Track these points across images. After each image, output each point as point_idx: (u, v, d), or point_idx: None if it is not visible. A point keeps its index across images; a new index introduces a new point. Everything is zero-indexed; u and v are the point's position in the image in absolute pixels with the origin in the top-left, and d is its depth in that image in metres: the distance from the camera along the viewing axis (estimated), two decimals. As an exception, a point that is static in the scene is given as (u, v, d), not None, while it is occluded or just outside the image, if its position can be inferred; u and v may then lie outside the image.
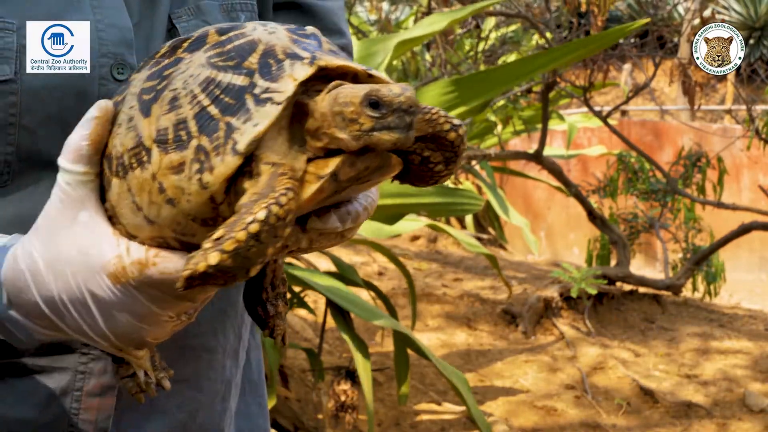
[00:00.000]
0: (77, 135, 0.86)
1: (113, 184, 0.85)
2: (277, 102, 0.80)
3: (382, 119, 0.78)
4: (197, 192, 0.80)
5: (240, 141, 0.79)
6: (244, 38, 0.84)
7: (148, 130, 0.83)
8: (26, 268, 0.86)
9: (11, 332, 0.89)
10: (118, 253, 0.84)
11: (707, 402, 4.53)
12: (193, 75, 0.82)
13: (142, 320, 0.86)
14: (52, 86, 0.99)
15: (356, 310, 3.16)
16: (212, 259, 0.76)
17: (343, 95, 0.80)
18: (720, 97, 13.76)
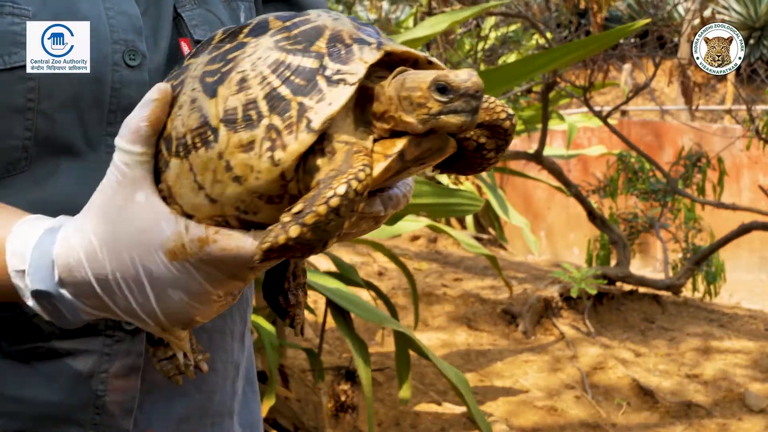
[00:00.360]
0: (136, 116, 0.88)
1: (172, 164, 0.87)
2: (349, 83, 0.83)
3: (449, 103, 0.82)
4: (268, 169, 0.82)
5: (314, 119, 0.81)
6: (309, 24, 0.86)
7: (214, 111, 0.85)
8: (80, 246, 0.88)
9: (60, 311, 0.91)
10: (177, 231, 0.86)
11: (707, 402, 4.53)
12: (261, 57, 0.85)
13: (193, 298, 0.87)
14: (71, 72, 1.00)
15: (356, 310, 3.16)
16: (293, 232, 0.79)
17: (410, 80, 0.84)
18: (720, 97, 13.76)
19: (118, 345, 1.06)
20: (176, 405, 1.13)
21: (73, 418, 1.05)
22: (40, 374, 1.03)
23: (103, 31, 1.03)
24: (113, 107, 1.04)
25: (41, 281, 0.89)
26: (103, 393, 1.05)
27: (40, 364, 1.03)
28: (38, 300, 0.90)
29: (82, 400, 1.05)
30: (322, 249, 0.81)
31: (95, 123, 1.03)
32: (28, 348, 1.03)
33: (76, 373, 1.04)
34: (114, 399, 1.06)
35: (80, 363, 1.04)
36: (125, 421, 1.07)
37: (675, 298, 5.99)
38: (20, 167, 1.00)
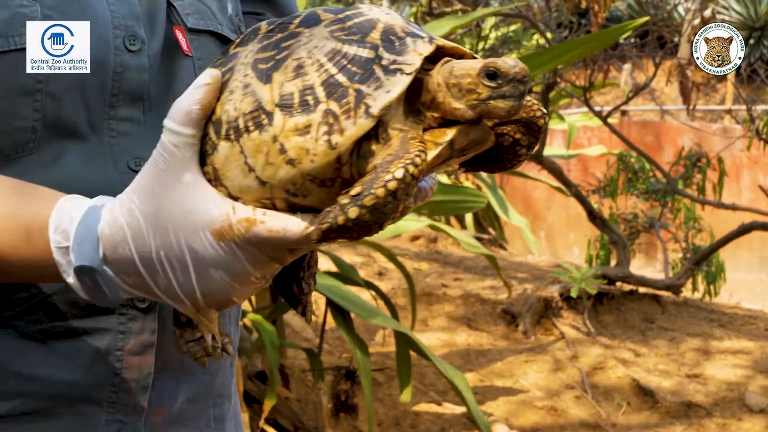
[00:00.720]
0: (188, 99, 0.90)
1: (221, 147, 0.89)
2: (406, 72, 0.86)
3: (498, 88, 0.86)
4: (324, 152, 0.85)
5: (373, 106, 0.85)
6: (362, 17, 0.90)
7: (269, 96, 0.87)
8: (126, 224, 0.89)
9: (100, 288, 0.92)
10: (224, 212, 0.88)
11: (707, 402, 4.53)
12: (317, 46, 0.88)
13: (234, 279, 0.89)
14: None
15: (356, 310, 3.16)
16: (352, 213, 0.83)
17: (458, 68, 0.87)
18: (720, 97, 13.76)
19: (132, 323, 1.07)
20: (184, 384, 1.15)
21: (91, 397, 1.06)
22: (57, 353, 1.04)
23: (104, 16, 1.05)
24: (115, 91, 1.05)
25: (85, 257, 0.91)
26: (120, 371, 1.07)
27: (57, 344, 1.04)
28: (80, 276, 0.92)
29: (99, 379, 1.06)
30: (378, 230, 0.85)
31: (98, 106, 1.04)
32: (44, 327, 1.04)
33: (93, 352, 1.05)
34: (130, 376, 1.08)
35: (96, 341, 1.05)
36: (141, 399, 1.09)
37: (675, 298, 5.99)
38: (28, 149, 1.01)
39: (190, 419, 1.17)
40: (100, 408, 1.07)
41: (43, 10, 1.00)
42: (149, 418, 1.11)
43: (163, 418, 1.13)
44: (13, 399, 1.03)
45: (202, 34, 1.16)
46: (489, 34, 7.31)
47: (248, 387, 3.46)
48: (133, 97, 1.07)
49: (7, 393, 1.03)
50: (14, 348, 1.03)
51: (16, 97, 0.99)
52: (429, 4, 6.08)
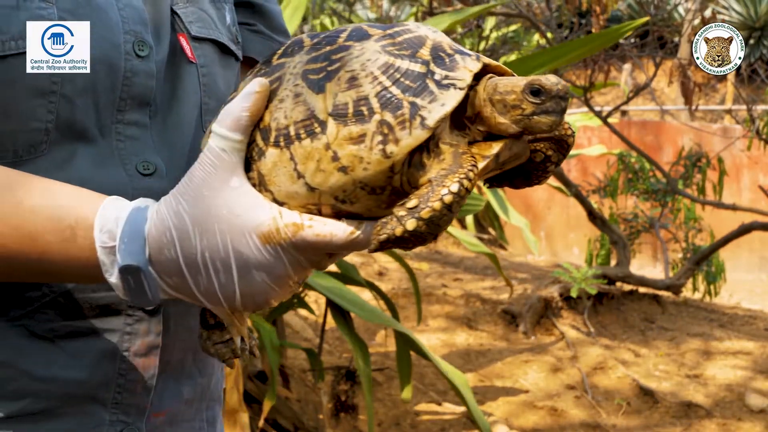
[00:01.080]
0: (238, 106, 0.93)
1: (269, 153, 0.93)
2: (459, 87, 0.90)
3: (541, 104, 0.90)
4: (378, 161, 0.89)
5: (429, 118, 0.88)
6: (411, 33, 0.94)
7: (322, 105, 0.91)
8: (173, 226, 0.92)
9: (143, 288, 0.94)
10: (272, 216, 0.91)
11: (707, 402, 4.53)
12: (370, 59, 0.91)
13: (275, 281, 0.92)
14: (91, 58, 1.02)
15: (357, 310, 3.16)
16: (410, 225, 0.87)
17: (502, 85, 0.92)
18: (720, 97, 13.76)
19: (138, 324, 1.08)
20: (184, 386, 1.16)
21: (96, 397, 1.07)
22: (65, 353, 1.05)
23: (116, 20, 1.06)
24: (124, 95, 1.06)
25: (132, 257, 0.93)
26: (125, 371, 1.08)
27: (65, 343, 1.05)
28: (124, 276, 0.93)
29: (105, 379, 1.07)
30: (432, 241, 0.89)
31: (107, 110, 1.05)
32: (54, 327, 1.05)
33: (99, 352, 1.06)
34: (135, 377, 1.08)
35: (104, 342, 1.06)
36: (144, 400, 1.10)
37: (675, 298, 5.99)
38: (41, 150, 1.02)
39: (186, 421, 1.18)
40: (104, 408, 1.08)
41: (59, 12, 1.01)
42: (150, 418, 1.11)
43: (163, 419, 1.14)
44: (22, 399, 1.04)
45: (205, 42, 1.17)
46: (489, 34, 7.31)
47: (248, 387, 3.46)
48: (141, 102, 1.08)
49: (17, 392, 1.03)
50: (24, 347, 1.04)
51: (32, 98, 1.00)
52: (429, 3, 6.08)
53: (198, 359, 1.17)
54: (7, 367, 1.03)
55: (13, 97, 1.00)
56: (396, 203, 0.92)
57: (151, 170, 1.07)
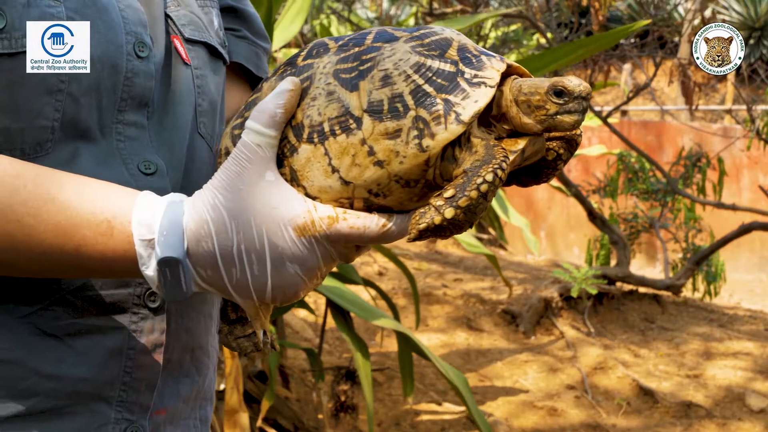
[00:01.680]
0: (272, 103, 0.97)
1: (302, 149, 0.97)
2: (490, 85, 0.95)
3: (564, 105, 0.95)
4: (414, 155, 0.93)
5: (463, 113, 0.93)
6: (438, 35, 0.98)
7: (356, 102, 0.95)
8: (210, 219, 0.95)
9: (179, 281, 0.96)
10: (307, 209, 0.95)
11: (707, 402, 4.53)
12: (402, 59, 0.95)
13: (306, 273, 0.96)
14: (95, 58, 1.03)
15: (356, 310, 3.16)
16: (448, 214, 0.91)
17: (527, 86, 0.96)
18: (720, 97, 13.76)
19: (143, 322, 1.09)
20: (182, 385, 1.17)
21: (102, 395, 1.08)
22: (74, 350, 1.06)
23: (117, 21, 1.07)
24: (124, 95, 1.07)
25: (172, 249, 0.95)
26: (131, 369, 1.09)
27: (73, 340, 1.06)
28: (162, 268, 0.95)
29: (112, 377, 1.08)
30: (468, 228, 0.93)
31: (109, 110, 1.06)
32: (62, 324, 1.05)
33: (106, 350, 1.07)
34: (140, 375, 1.09)
35: (110, 339, 1.07)
36: (148, 398, 1.11)
37: (675, 298, 5.99)
38: (46, 148, 1.02)
39: (182, 419, 1.19)
40: (109, 406, 1.08)
41: (67, 11, 1.02)
42: (153, 416, 1.13)
43: (164, 417, 1.15)
44: (32, 397, 1.04)
45: (197, 45, 1.19)
46: (489, 33, 7.30)
47: (248, 387, 3.46)
48: (140, 102, 1.09)
49: (27, 391, 1.04)
50: (33, 344, 1.04)
51: (40, 96, 1.01)
52: (429, 4, 6.08)
53: (195, 358, 1.18)
54: (16, 365, 1.03)
55: (23, 95, 1.00)
56: (427, 196, 0.96)
57: (152, 170, 1.08)
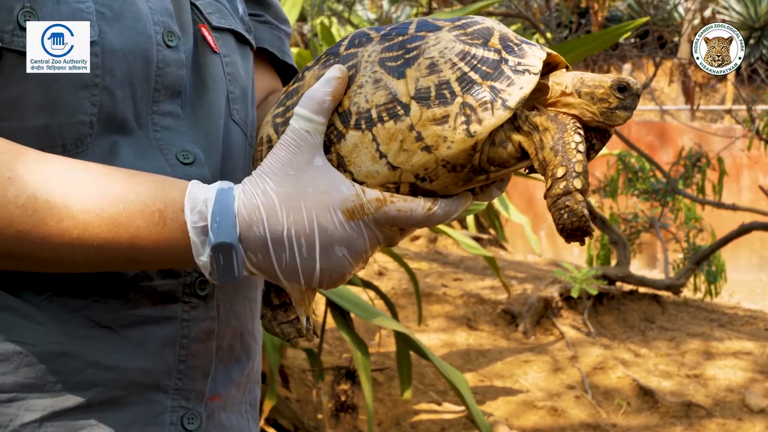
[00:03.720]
0: (321, 91, 0.99)
1: (350, 135, 0.99)
2: (533, 72, 0.97)
3: (624, 100, 0.99)
4: (462, 139, 0.95)
5: (509, 99, 0.96)
6: (479, 25, 1.01)
7: (404, 89, 0.97)
8: (261, 203, 0.97)
9: (232, 266, 0.98)
10: (356, 193, 0.97)
11: (707, 402, 4.53)
12: (447, 47, 0.98)
13: (354, 256, 0.99)
14: (127, 50, 1.05)
15: (356, 310, 3.16)
16: (578, 184, 0.94)
17: (590, 80, 1.00)
18: (720, 97, 13.76)
19: (194, 311, 1.10)
20: (233, 370, 1.19)
21: (159, 384, 1.09)
22: (128, 341, 1.07)
23: (145, 12, 1.08)
24: (158, 86, 1.08)
25: (225, 235, 0.97)
26: (185, 358, 1.10)
27: (128, 332, 1.07)
28: (216, 254, 0.97)
29: (167, 366, 1.09)
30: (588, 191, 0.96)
31: (143, 101, 1.07)
32: (116, 316, 1.07)
33: (160, 339, 1.08)
34: (194, 363, 1.11)
35: (164, 329, 1.08)
36: (202, 385, 1.12)
37: (675, 298, 5.99)
38: (86, 143, 1.03)
39: (236, 404, 1.21)
40: (166, 395, 1.10)
41: (96, 6, 1.03)
42: (207, 403, 1.14)
43: (218, 403, 1.17)
44: (90, 388, 1.05)
45: (224, 32, 1.20)
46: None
47: (248, 387, 3.46)
48: (173, 92, 1.10)
49: (85, 383, 1.05)
50: (88, 337, 1.05)
51: (76, 92, 1.02)
52: (429, 4, 6.08)
53: (244, 343, 1.20)
54: (72, 357, 1.04)
55: (59, 92, 1.01)
56: (471, 181, 0.99)
57: (190, 159, 1.09)
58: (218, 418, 1.16)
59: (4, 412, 1.02)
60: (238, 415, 1.21)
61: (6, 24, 0.99)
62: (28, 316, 1.04)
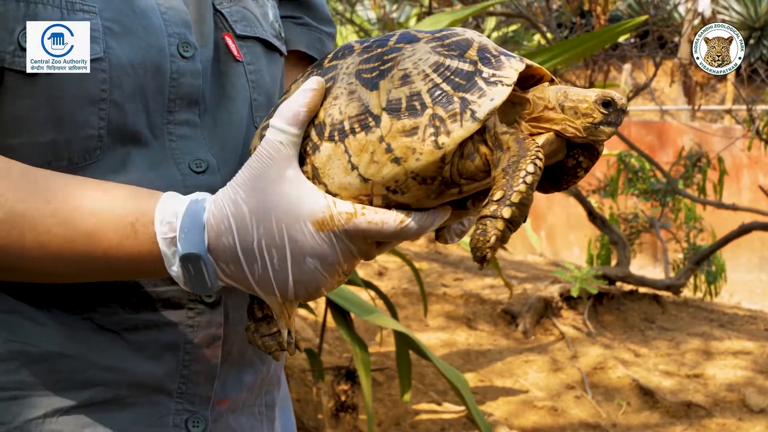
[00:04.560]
0: (296, 102, 0.98)
1: (324, 147, 0.98)
2: (506, 84, 0.96)
3: (608, 116, 0.98)
4: (430, 151, 0.94)
5: (478, 111, 0.94)
6: (458, 36, 1.00)
7: (376, 101, 0.97)
8: (230, 214, 0.97)
9: (203, 276, 0.98)
10: (326, 204, 0.96)
11: (707, 402, 4.53)
12: (421, 59, 0.97)
13: (326, 268, 0.97)
14: (136, 63, 1.05)
15: (356, 310, 3.16)
16: (506, 213, 0.91)
17: (573, 94, 0.99)
18: (720, 97, 13.76)
19: (200, 317, 1.11)
20: (245, 375, 1.20)
21: (162, 387, 1.10)
22: (131, 345, 1.08)
23: (158, 24, 1.09)
24: (172, 96, 1.09)
25: (192, 245, 0.97)
26: (189, 363, 1.11)
27: (130, 335, 1.08)
28: (185, 265, 0.98)
29: (170, 370, 1.10)
30: (522, 224, 0.93)
31: (157, 112, 1.08)
32: (118, 320, 1.08)
33: (163, 344, 1.09)
34: (198, 368, 1.12)
35: (167, 335, 1.10)
36: (208, 389, 1.13)
37: (675, 298, 5.99)
38: (95, 156, 1.04)
39: (246, 407, 1.22)
40: (170, 398, 1.11)
41: (103, 21, 1.04)
42: (214, 407, 1.15)
43: (226, 407, 1.17)
44: (92, 388, 1.07)
45: (250, 41, 1.20)
46: (490, 34, 7.30)
47: (248, 387, 3.46)
48: (189, 101, 1.10)
49: (87, 382, 1.07)
50: (91, 339, 1.07)
51: (83, 107, 1.03)
52: (429, 4, 6.07)
53: (257, 349, 1.20)
54: (74, 358, 1.06)
55: (65, 107, 1.02)
56: (445, 192, 0.98)
57: (203, 168, 1.10)
58: (226, 420, 1.18)
59: (7, 410, 1.04)
60: (250, 417, 1.22)
61: (7, 45, 1.00)
62: (32, 318, 1.06)
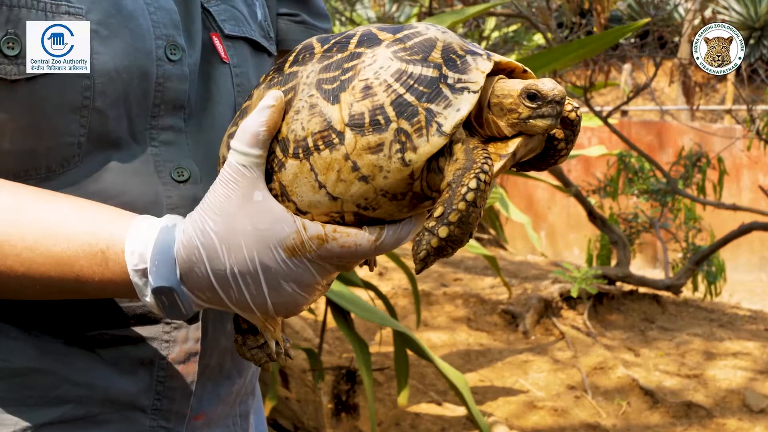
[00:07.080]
0: (254, 121, 0.94)
1: (289, 165, 0.94)
2: (473, 90, 0.91)
3: (537, 109, 0.91)
4: (398, 169, 0.90)
5: (445, 124, 0.90)
6: (421, 36, 0.94)
7: (338, 116, 0.92)
8: (200, 244, 0.94)
9: (177, 306, 0.96)
10: (296, 229, 0.93)
11: (707, 402, 4.53)
12: (383, 67, 0.92)
13: (303, 289, 0.95)
14: (121, 68, 1.03)
15: (356, 310, 3.16)
16: (442, 233, 0.88)
17: (499, 89, 0.93)
18: (720, 97, 13.76)
19: (176, 332, 1.09)
20: (222, 388, 1.18)
21: (136, 404, 1.08)
22: (104, 361, 1.06)
23: (146, 26, 1.06)
24: (157, 101, 1.06)
25: (163, 278, 0.94)
26: (164, 379, 1.09)
27: (104, 351, 1.06)
28: (158, 296, 0.95)
29: (144, 386, 1.08)
30: (468, 240, 0.90)
31: (141, 117, 1.06)
32: (92, 335, 1.06)
33: (137, 360, 1.07)
34: (174, 384, 1.10)
35: (141, 350, 1.07)
36: (184, 406, 1.11)
37: (675, 298, 5.99)
38: (73, 162, 1.02)
39: (221, 419, 1.20)
40: (144, 414, 1.09)
41: (92, 25, 1.01)
42: (190, 422, 1.13)
43: (202, 422, 1.15)
44: (64, 404, 1.05)
45: (238, 41, 1.17)
46: (490, 34, 7.30)
47: (248, 387, 3.46)
48: (175, 106, 1.08)
49: (59, 398, 1.04)
50: (64, 354, 1.05)
51: (63, 115, 1.01)
52: (429, 4, 6.07)
53: (236, 360, 1.19)
54: (47, 373, 1.04)
55: (45, 116, 1.00)
56: (418, 206, 0.94)
57: (185, 176, 1.07)
58: None
59: None
60: (224, 429, 1.20)
61: None
62: (4, 332, 1.04)
